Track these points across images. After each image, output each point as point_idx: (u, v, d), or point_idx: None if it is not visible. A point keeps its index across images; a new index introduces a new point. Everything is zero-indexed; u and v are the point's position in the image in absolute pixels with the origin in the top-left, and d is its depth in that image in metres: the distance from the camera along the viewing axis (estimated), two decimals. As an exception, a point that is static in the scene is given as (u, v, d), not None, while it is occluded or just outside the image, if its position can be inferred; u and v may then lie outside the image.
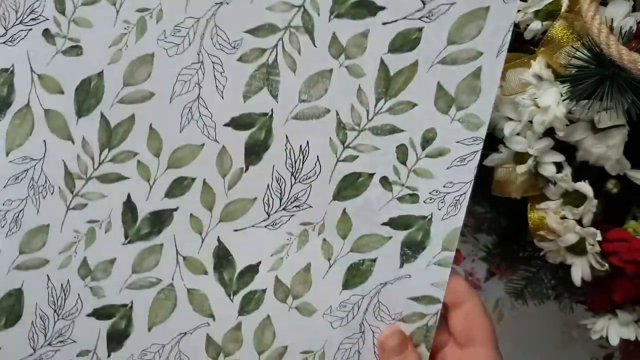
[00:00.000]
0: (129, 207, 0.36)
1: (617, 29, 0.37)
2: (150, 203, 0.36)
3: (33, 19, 0.36)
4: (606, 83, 0.35)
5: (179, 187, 0.36)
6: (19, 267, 0.37)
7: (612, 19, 0.37)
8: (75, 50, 0.36)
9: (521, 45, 0.42)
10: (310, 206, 0.36)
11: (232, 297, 0.37)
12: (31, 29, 0.36)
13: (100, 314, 0.37)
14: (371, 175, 0.36)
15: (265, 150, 0.36)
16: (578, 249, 0.40)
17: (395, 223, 0.36)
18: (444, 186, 0.35)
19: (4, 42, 0.36)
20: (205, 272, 0.36)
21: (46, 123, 0.36)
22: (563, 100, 0.37)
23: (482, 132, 0.34)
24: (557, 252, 0.41)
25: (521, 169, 0.40)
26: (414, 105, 0.35)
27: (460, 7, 0.34)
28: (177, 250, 0.36)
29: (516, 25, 0.41)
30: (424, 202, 0.35)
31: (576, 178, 0.39)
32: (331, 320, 0.36)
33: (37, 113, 0.36)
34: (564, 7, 0.40)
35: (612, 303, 0.42)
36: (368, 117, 0.36)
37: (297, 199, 0.36)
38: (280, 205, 0.36)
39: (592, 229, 0.39)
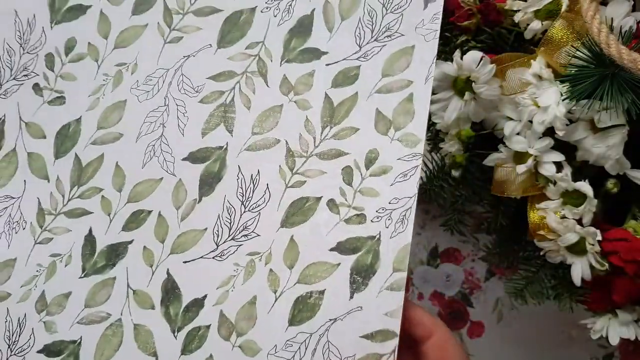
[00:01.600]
0: (89, 241, 0.37)
1: (617, 28, 0.37)
2: (108, 236, 0.37)
3: (25, 75, 0.41)
4: (606, 83, 0.35)
5: (135, 220, 0.37)
6: None
7: (612, 18, 0.37)
8: (59, 100, 0.40)
9: (521, 45, 0.43)
10: (258, 235, 0.35)
11: (176, 334, 0.35)
12: (22, 84, 0.41)
13: (50, 350, 0.36)
14: (318, 199, 0.35)
15: (218, 182, 0.36)
16: (578, 248, 0.40)
17: (343, 247, 0.34)
18: (389, 203, 0.34)
19: None
20: (153, 307, 0.35)
21: (28, 165, 0.40)
22: (563, 100, 0.37)
23: (420, 148, 0.34)
24: (557, 252, 0.41)
25: (521, 168, 0.40)
26: (357, 129, 0.35)
27: (391, 47, 0.36)
28: (127, 283, 0.36)
29: (516, 25, 0.42)
30: (371, 221, 0.33)
31: (576, 178, 0.39)
32: None
33: (21, 156, 0.40)
34: (564, 7, 0.40)
35: (612, 303, 0.42)
36: (315, 143, 0.36)
37: (245, 227, 0.35)
38: (229, 235, 0.35)
39: (592, 229, 0.39)
